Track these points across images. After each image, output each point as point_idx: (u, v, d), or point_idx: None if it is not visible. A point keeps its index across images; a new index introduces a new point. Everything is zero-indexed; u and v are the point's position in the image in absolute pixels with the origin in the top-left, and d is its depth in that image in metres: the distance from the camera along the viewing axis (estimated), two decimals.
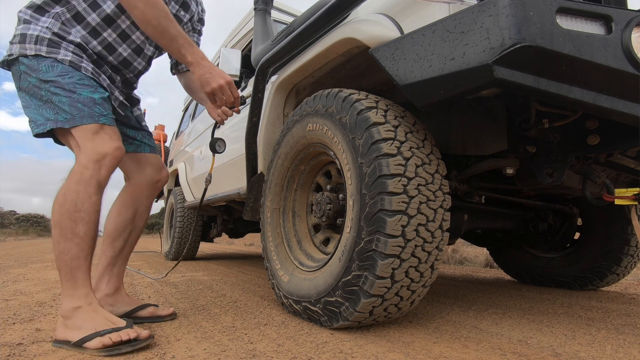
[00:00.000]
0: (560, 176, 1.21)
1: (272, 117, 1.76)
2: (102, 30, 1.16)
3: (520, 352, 0.99)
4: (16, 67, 1.10)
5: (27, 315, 1.33)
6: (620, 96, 0.86)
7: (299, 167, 1.48)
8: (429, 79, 0.94)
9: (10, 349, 0.96)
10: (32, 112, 1.08)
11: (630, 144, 1.11)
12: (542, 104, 1.09)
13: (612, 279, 1.96)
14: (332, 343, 1.02)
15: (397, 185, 0.99)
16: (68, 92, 1.05)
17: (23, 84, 1.09)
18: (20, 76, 1.09)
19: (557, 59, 0.81)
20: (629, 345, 1.09)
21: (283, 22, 2.65)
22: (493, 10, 0.82)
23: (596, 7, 0.85)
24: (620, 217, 1.87)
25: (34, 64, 1.06)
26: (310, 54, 1.47)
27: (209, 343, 1.02)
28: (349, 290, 1.06)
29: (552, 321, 1.35)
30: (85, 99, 1.07)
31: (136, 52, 1.27)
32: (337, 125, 1.17)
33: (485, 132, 1.22)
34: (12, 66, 1.11)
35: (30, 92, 1.08)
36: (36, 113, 1.08)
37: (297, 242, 1.47)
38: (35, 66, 1.06)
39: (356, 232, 1.06)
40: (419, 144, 1.09)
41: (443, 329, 1.21)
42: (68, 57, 1.08)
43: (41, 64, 1.06)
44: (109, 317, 1.00)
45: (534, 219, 2.00)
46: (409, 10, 1.12)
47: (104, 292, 1.24)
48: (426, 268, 1.07)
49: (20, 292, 1.82)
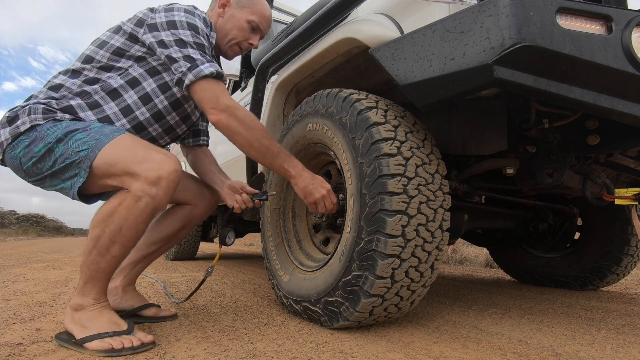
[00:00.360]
0: (560, 176, 1.21)
1: (272, 117, 1.76)
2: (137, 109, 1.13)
3: (520, 352, 0.99)
4: (12, 154, 1.01)
5: (27, 315, 1.33)
6: (620, 96, 0.86)
7: None
8: (429, 79, 0.94)
9: (11, 348, 0.96)
10: (58, 179, 1.00)
11: (630, 144, 1.11)
12: (542, 104, 1.09)
13: (612, 279, 1.95)
14: (332, 343, 1.02)
15: (397, 185, 0.99)
16: (83, 129, 0.99)
17: (28, 167, 1.00)
18: (21, 160, 1.00)
19: (557, 59, 0.81)
20: (629, 345, 1.09)
21: (283, 22, 2.65)
22: (493, 10, 0.82)
23: (596, 7, 0.85)
24: (621, 217, 1.87)
25: (34, 135, 0.98)
26: (310, 54, 1.47)
27: (209, 343, 1.02)
28: (349, 290, 1.06)
29: (552, 321, 1.35)
30: (104, 125, 1.02)
31: (167, 132, 1.22)
32: (337, 125, 1.17)
33: (485, 132, 1.22)
34: (6, 156, 1.03)
35: (41, 167, 0.99)
36: (63, 173, 0.98)
37: (297, 242, 1.47)
38: (37, 135, 0.98)
39: (356, 232, 1.06)
40: (419, 144, 1.09)
41: (443, 328, 1.21)
42: (67, 116, 1.03)
43: (42, 129, 0.98)
44: (114, 318, 1.00)
45: (534, 219, 2.00)
46: (409, 10, 1.12)
47: (119, 283, 1.25)
48: (426, 268, 1.07)
49: (20, 292, 1.82)
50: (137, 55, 1.10)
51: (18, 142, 1.00)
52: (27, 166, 1.01)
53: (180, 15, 1.07)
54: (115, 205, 0.96)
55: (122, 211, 0.96)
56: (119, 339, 0.94)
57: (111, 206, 0.96)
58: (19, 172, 1.05)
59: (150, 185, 0.95)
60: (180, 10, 1.08)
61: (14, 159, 1.01)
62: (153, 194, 0.96)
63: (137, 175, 0.95)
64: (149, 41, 1.06)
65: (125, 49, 1.09)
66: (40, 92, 1.07)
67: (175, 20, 1.06)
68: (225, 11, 1.25)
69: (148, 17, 1.08)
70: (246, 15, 1.25)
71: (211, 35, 1.14)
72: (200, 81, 1.04)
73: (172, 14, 1.07)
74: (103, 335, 0.94)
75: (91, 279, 0.99)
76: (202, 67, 1.03)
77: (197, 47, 1.06)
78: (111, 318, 1.00)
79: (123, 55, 1.09)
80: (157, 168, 0.95)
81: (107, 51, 1.09)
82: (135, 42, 1.09)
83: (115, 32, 1.10)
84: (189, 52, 1.04)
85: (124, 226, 0.96)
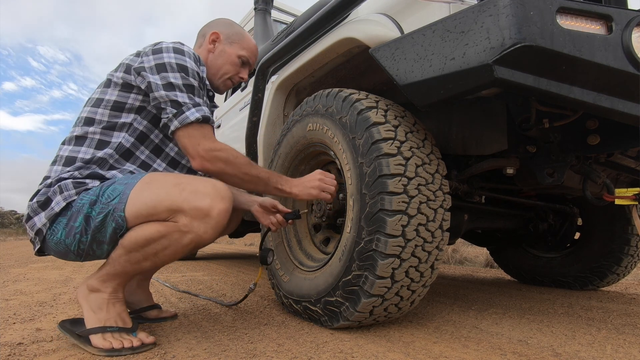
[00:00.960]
0: (561, 176, 1.21)
1: (272, 117, 1.76)
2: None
3: (520, 352, 0.99)
4: (55, 240, 0.97)
5: (28, 315, 1.33)
6: (620, 96, 0.86)
7: (299, 167, 1.48)
8: (429, 79, 0.94)
9: (11, 348, 0.96)
10: (102, 236, 0.95)
11: (630, 144, 1.11)
12: (543, 103, 1.09)
13: (612, 278, 1.95)
14: (332, 343, 1.02)
15: (397, 185, 0.99)
16: (111, 184, 0.97)
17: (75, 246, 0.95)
18: (66, 242, 0.96)
19: (557, 58, 0.81)
20: (629, 345, 1.09)
21: (283, 22, 2.65)
22: (493, 10, 0.82)
23: (596, 7, 0.85)
24: (621, 217, 1.87)
25: (71, 212, 0.95)
26: (310, 54, 1.47)
27: (209, 343, 1.02)
28: (349, 290, 1.06)
29: (552, 321, 1.35)
30: (128, 175, 1.01)
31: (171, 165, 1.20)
32: (337, 125, 1.17)
33: (485, 132, 1.22)
34: (49, 244, 0.99)
35: (85, 241, 0.95)
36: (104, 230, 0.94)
37: (297, 242, 1.47)
38: (73, 211, 0.95)
39: (356, 232, 1.06)
40: (419, 144, 1.09)
41: (443, 328, 1.21)
42: (96, 182, 1.00)
43: (77, 204, 0.95)
44: (123, 314, 1.01)
45: (534, 219, 2.00)
46: (409, 10, 1.11)
47: (134, 278, 1.25)
48: (426, 268, 1.07)
49: (20, 291, 1.82)
50: (137, 106, 1.07)
51: (57, 225, 0.96)
52: (74, 246, 0.96)
53: (169, 57, 1.03)
54: (156, 235, 0.93)
55: (163, 241, 0.94)
56: (119, 339, 0.95)
57: (151, 233, 0.93)
58: (68, 255, 1.00)
59: (200, 222, 0.93)
60: (169, 50, 1.04)
61: (58, 244, 0.97)
62: (201, 232, 0.94)
63: (184, 210, 0.92)
64: (143, 86, 1.04)
65: (123, 100, 1.06)
66: (54, 171, 1.01)
67: (165, 62, 1.02)
68: (215, 47, 1.25)
69: (135, 62, 1.05)
70: (237, 51, 1.26)
71: (201, 70, 1.12)
72: (185, 128, 1.01)
73: (162, 55, 1.03)
74: (107, 329, 0.95)
75: (116, 276, 0.99)
76: (188, 112, 1.00)
77: (187, 90, 1.02)
78: (120, 313, 1.01)
79: (123, 109, 1.06)
80: (209, 205, 0.93)
81: (106, 108, 1.05)
82: (130, 90, 1.06)
83: (106, 87, 1.07)
84: (177, 97, 1.00)
85: (161, 253, 0.96)
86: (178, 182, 0.96)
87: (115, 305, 1.00)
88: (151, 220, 0.94)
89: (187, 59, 1.05)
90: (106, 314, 0.98)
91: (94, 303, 0.98)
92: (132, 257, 0.96)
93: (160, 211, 0.93)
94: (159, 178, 0.98)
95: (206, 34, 1.27)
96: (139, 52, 1.08)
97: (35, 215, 0.98)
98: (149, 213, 0.93)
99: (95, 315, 0.97)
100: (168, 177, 0.99)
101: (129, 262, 0.97)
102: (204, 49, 1.26)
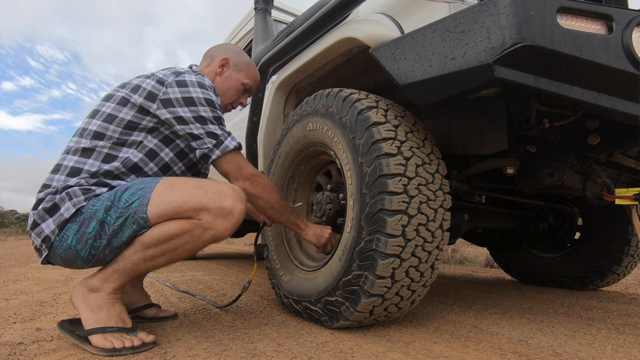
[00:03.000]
0: (561, 176, 1.21)
1: (273, 116, 1.76)
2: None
3: (521, 352, 0.99)
4: (64, 246, 0.98)
5: (28, 314, 1.33)
6: (620, 96, 0.86)
7: (299, 166, 1.48)
8: (429, 79, 0.94)
9: (11, 348, 0.96)
10: (118, 240, 0.97)
11: (630, 143, 1.11)
12: (543, 103, 1.09)
13: (612, 278, 1.95)
14: (332, 342, 1.02)
15: (397, 185, 0.99)
16: (125, 189, 0.99)
17: (86, 252, 0.97)
18: (76, 248, 0.97)
19: (557, 58, 0.81)
20: (630, 345, 1.09)
21: (283, 21, 2.65)
22: (493, 10, 0.82)
23: (597, 7, 0.85)
24: (621, 217, 1.87)
25: (81, 218, 0.96)
26: (310, 54, 1.47)
27: (210, 342, 1.02)
28: (349, 289, 1.06)
29: (552, 321, 1.35)
30: (143, 179, 1.04)
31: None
32: (338, 124, 1.17)
33: (485, 132, 1.22)
34: (56, 251, 1.00)
35: (98, 246, 0.96)
36: (121, 233, 0.96)
37: (298, 242, 1.47)
38: (84, 217, 0.96)
39: (356, 232, 1.06)
40: (420, 144, 1.09)
41: (443, 328, 1.21)
42: (104, 189, 1.01)
43: (87, 209, 0.97)
44: (122, 314, 1.01)
45: (534, 219, 2.00)
46: (409, 9, 1.11)
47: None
48: (426, 268, 1.07)
49: (20, 291, 1.82)
50: (149, 127, 1.09)
51: (66, 231, 0.97)
52: (85, 252, 0.97)
53: (196, 92, 1.08)
54: (180, 231, 0.98)
55: (185, 237, 0.99)
56: (120, 338, 0.95)
57: (176, 229, 0.98)
58: (75, 262, 1.00)
59: (222, 220, 1.00)
60: (194, 85, 1.09)
61: (68, 250, 0.97)
62: (223, 229, 1.00)
63: (209, 209, 0.98)
64: (164, 117, 1.06)
65: (137, 121, 1.08)
66: (56, 180, 1.01)
67: (193, 97, 1.08)
68: (223, 71, 1.31)
69: (160, 92, 1.07)
70: (242, 78, 1.33)
71: (217, 99, 1.16)
72: (225, 155, 1.11)
73: (188, 90, 1.08)
74: (108, 329, 0.96)
75: (122, 273, 1.00)
76: (227, 142, 1.10)
77: (217, 122, 1.10)
78: (120, 313, 1.01)
79: (135, 129, 1.08)
80: (232, 205, 1.00)
81: (119, 126, 1.06)
82: (147, 114, 1.08)
83: (122, 105, 1.08)
84: (211, 129, 1.08)
85: (180, 248, 1.00)
86: (200, 184, 1.01)
87: (115, 305, 1.01)
88: (173, 216, 0.98)
89: (211, 94, 1.12)
90: (106, 314, 0.98)
91: (94, 303, 0.98)
92: (147, 253, 0.98)
93: (185, 210, 0.98)
94: (179, 181, 1.02)
95: (215, 56, 1.32)
96: (162, 81, 1.09)
97: (43, 222, 0.98)
98: (174, 212, 0.98)
99: (94, 316, 0.97)
100: (187, 180, 1.04)
101: (143, 259, 0.98)
102: (211, 70, 1.30)
